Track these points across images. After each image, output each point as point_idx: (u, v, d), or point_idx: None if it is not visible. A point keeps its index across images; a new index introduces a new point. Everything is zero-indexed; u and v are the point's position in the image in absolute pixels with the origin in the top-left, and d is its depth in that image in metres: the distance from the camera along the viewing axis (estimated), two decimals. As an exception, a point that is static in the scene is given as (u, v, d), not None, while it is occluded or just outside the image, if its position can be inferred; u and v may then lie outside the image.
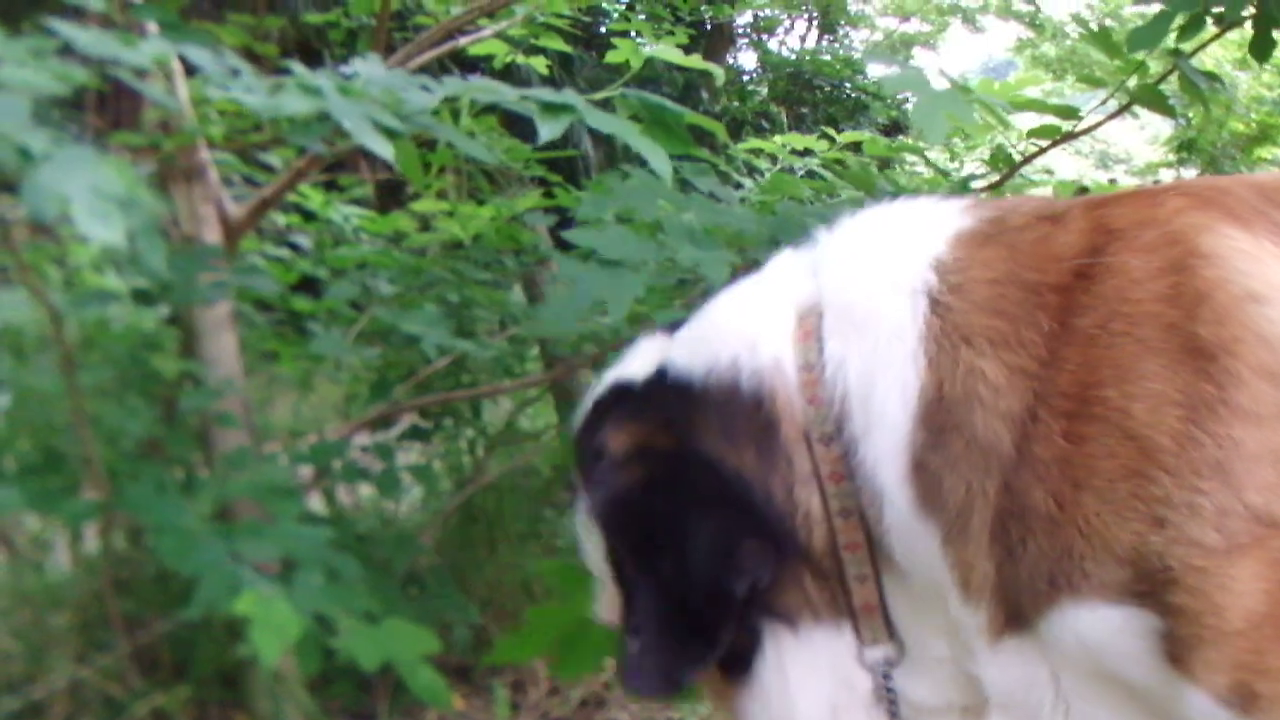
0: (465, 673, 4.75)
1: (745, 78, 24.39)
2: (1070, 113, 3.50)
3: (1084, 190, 3.63)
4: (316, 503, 4.70)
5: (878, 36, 27.89)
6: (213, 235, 3.90)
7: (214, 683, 4.29)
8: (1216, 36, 3.45)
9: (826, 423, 1.87)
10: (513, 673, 4.62)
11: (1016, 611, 1.77)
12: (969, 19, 25.13)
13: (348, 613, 2.79)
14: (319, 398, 6.76)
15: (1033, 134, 3.61)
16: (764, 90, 23.36)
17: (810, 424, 1.89)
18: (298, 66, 2.70)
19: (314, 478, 4.19)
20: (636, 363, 2.15)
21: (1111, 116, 3.55)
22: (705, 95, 20.14)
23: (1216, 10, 3.37)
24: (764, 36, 26.73)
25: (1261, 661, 1.62)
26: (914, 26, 27.55)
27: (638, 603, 1.99)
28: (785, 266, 2.12)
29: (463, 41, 4.41)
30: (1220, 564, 1.62)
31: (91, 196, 1.94)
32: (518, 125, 4.15)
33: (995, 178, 3.89)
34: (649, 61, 4.17)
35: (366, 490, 5.02)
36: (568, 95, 2.82)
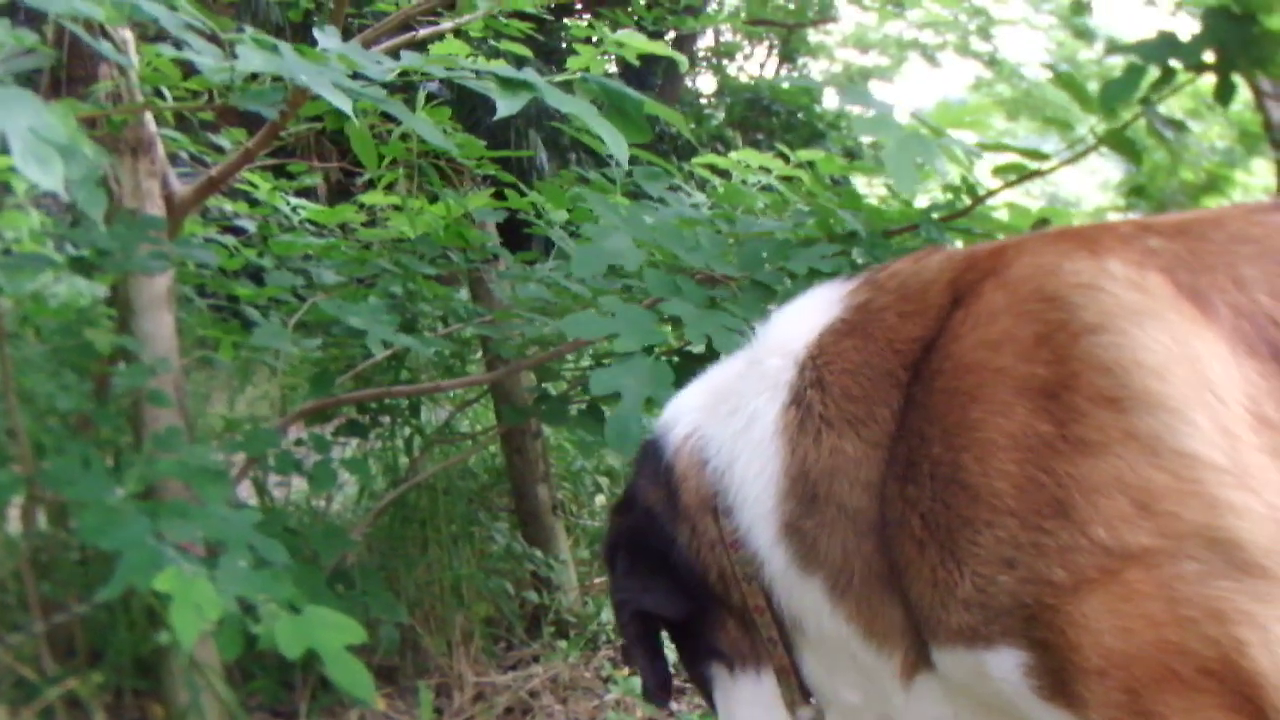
0: (390, 674, 4.67)
1: (702, 101, 24.41)
2: (1038, 155, 3.51)
3: (1045, 222, 3.62)
4: (246, 493, 4.61)
5: (836, 68, 27.97)
6: (156, 211, 3.81)
7: (130, 671, 4.19)
8: (1182, 86, 3.46)
9: (720, 496, 2.07)
10: (439, 675, 4.54)
11: (922, 652, 1.84)
12: (927, 55, 25.25)
13: (272, 600, 2.70)
14: (255, 390, 6.68)
15: (998, 171, 3.61)
16: (721, 114, 23.38)
17: (712, 496, 2.08)
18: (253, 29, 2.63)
19: (245, 467, 4.11)
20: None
21: (1076, 158, 3.55)
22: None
23: (1176, 63, 3.39)
24: (723, 61, 26.78)
25: (1137, 704, 1.58)
26: (872, 59, 27.67)
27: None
28: (730, 357, 2.37)
29: (421, 34, 4.33)
30: (1069, 601, 1.62)
31: (31, 138, 1.89)
32: (470, 122, 4.11)
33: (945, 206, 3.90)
34: (606, 76, 4.13)
35: (298, 486, 4.95)
36: (528, 73, 2.77)
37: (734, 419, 2.09)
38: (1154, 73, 3.41)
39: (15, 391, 3.51)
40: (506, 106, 2.69)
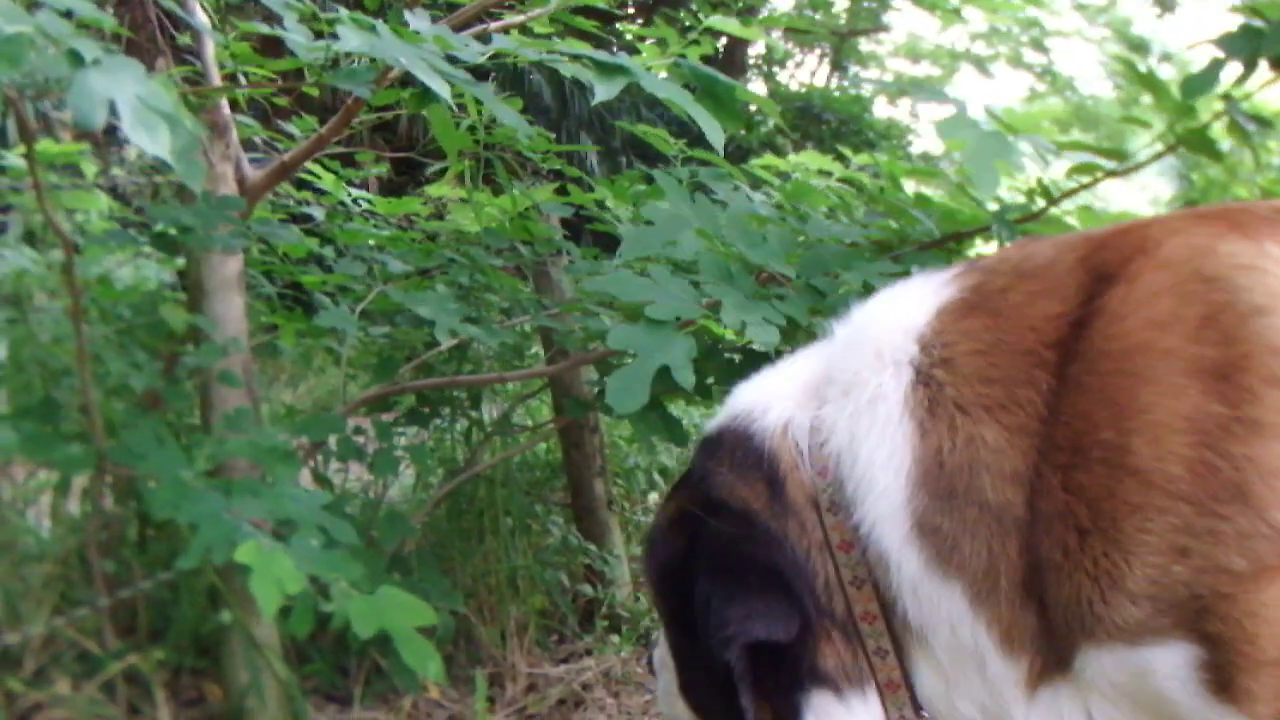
0: (444, 663, 4.68)
1: (752, 108, 24.40)
2: (1117, 154, 3.46)
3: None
4: (304, 482, 4.64)
5: (887, 77, 27.94)
6: (230, 194, 3.85)
7: (190, 649, 4.23)
8: (1270, 82, 3.41)
9: (831, 490, 1.91)
10: (492, 665, 4.56)
11: (1057, 657, 1.75)
12: (979, 66, 25.19)
13: (342, 580, 2.72)
14: (316, 379, 6.73)
15: (1073, 171, 3.57)
16: (771, 122, 23.38)
17: (818, 491, 1.92)
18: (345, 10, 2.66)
19: (309, 452, 4.14)
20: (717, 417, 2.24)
21: (1154, 158, 3.50)
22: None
23: (1271, 54, 3.33)
24: (775, 68, 26.78)
25: None
26: (924, 69, 27.61)
27: (684, 666, 2.15)
28: (808, 350, 2.20)
29: (492, 27, 4.36)
30: (1248, 590, 1.57)
31: (139, 106, 1.92)
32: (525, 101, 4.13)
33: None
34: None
35: (354, 476, 4.97)
36: (621, 58, 2.79)
37: (850, 399, 1.93)
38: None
39: (89, 369, 3.56)
40: (604, 91, 2.70)
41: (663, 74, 3.27)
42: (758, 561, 1.92)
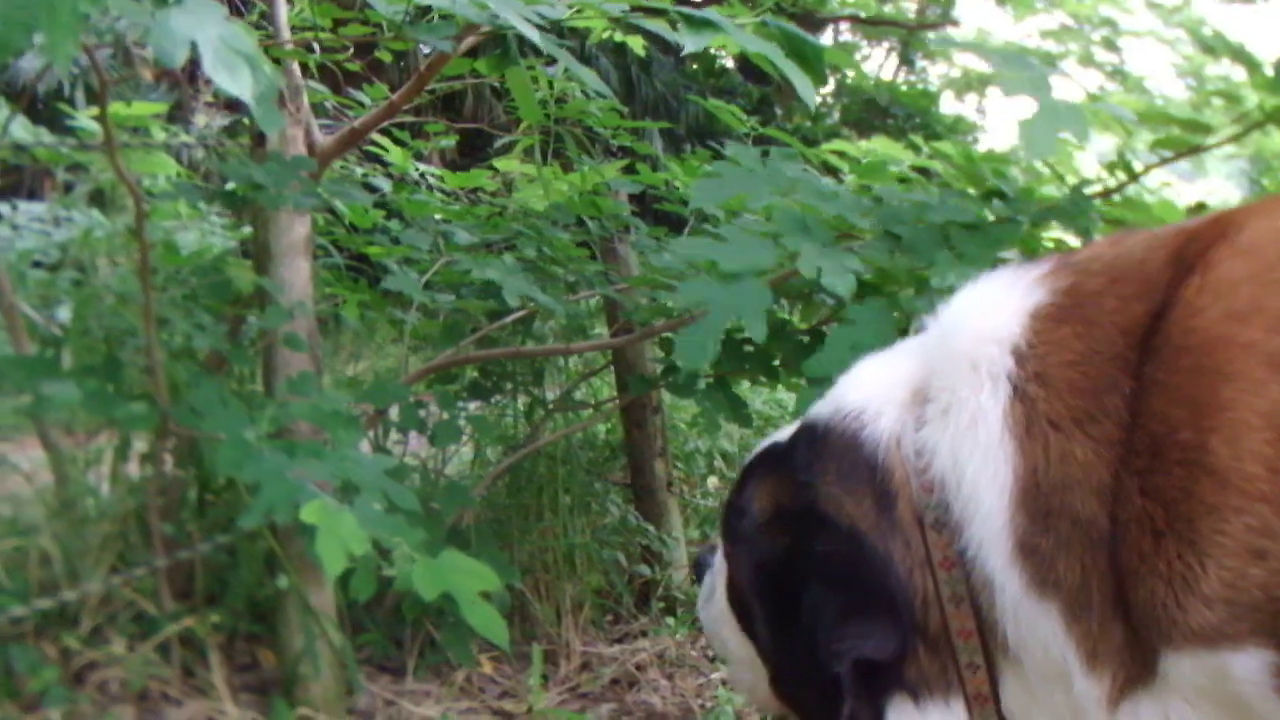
0: (498, 639, 4.68)
1: (818, 99, 24.35)
2: (1200, 127, 3.38)
3: (1202, 207, 3.50)
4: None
5: (955, 72, 27.75)
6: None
7: (246, 614, 4.23)
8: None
9: (935, 509, 1.86)
10: (546, 643, 4.53)
11: (1139, 668, 1.69)
12: (1049, 63, 24.96)
13: (404, 544, 2.70)
14: (378, 358, 6.73)
15: (1157, 145, 3.48)
16: (837, 114, 23.30)
17: (924, 510, 1.88)
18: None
19: (371, 420, 4.12)
20: (789, 429, 2.20)
21: (1240, 135, 3.41)
22: (779, 111, 20.11)
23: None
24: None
25: None
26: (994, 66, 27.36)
27: (773, 662, 2.15)
28: (906, 348, 2.14)
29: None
30: None
31: (221, 46, 1.90)
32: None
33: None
34: (725, 72, 4.07)
35: (414, 449, 4.96)
36: (710, 12, 2.74)
37: (951, 418, 1.87)
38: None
39: (154, 328, 3.55)
40: (693, 43, 2.66)
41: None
42: (869, 582, 1.89)
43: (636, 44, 5.15)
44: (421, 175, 5.60)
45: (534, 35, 2.44)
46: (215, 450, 2.94)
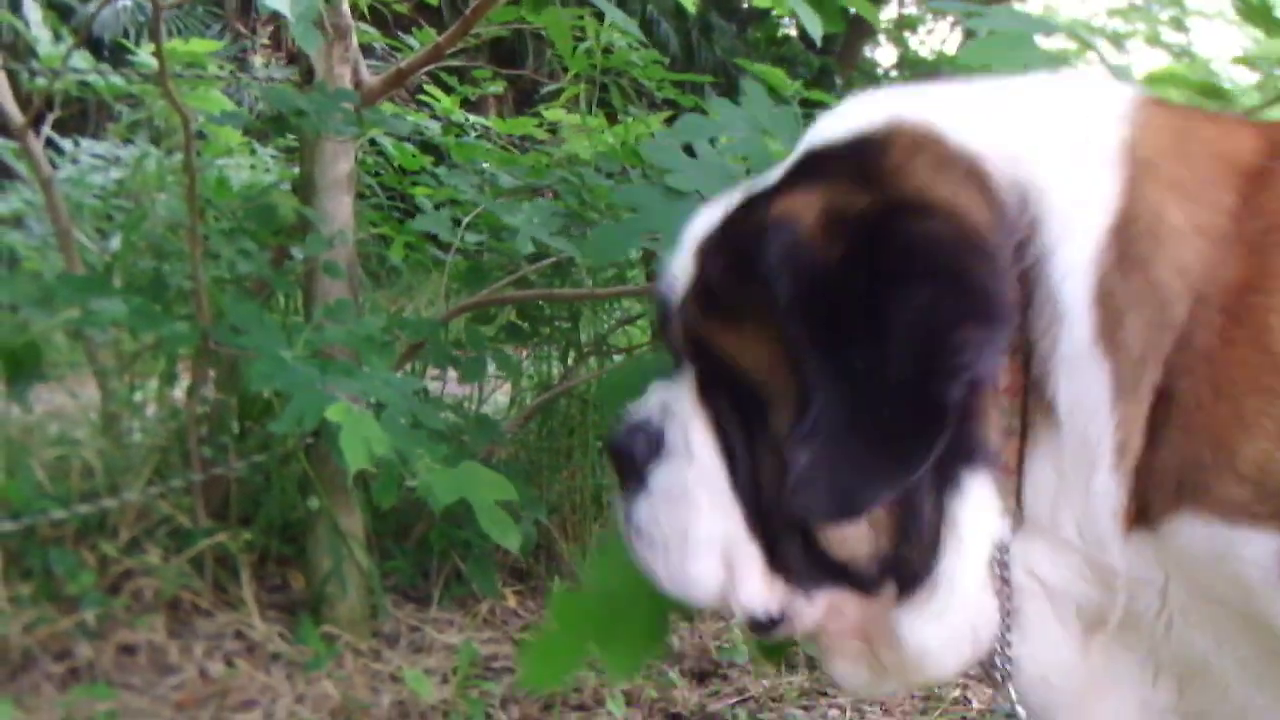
0: (523, 574, 4.79)
1: (879, 72, 24.27)
2: (1219, 94, 3.39)
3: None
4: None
5: (1020, 50, 27.47)
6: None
7: (277, 535, 4.36)
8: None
9: (1029, 225, 1.61)
10: (570, 580, 4.64)
11: (1144, 506, 1.58)
12: (1114, 41, 24.72)
13: (426, 456, 2.80)
14: (420, 295, 6.84)
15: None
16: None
17: (1017, 221, 1.62)
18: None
19: (406, 353, 4.22)
20: (835, 124, 1.79)
21: (1267, 105, 3.42)
22: (839, 81, 20.07)
23: None
24: (905, 34, 26.55)
25: None
26: (1058, 43, 27.17)
27: (816, 405, 1.61)
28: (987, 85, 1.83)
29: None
30: None
31: (262, -39, 2.00)
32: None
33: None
34: (787, 41, 4.07)
35: (449, 392, 5.05)
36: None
37: (1057, 134, 1.66)
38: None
39: (200, 254, 3.68)
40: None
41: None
42: (985, 280, 1.57)
43: (690, 3, 5.23)
44: (470, 123, 5.68)
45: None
46: (250, 365, 3.05)
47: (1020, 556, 1.68)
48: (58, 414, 4.54)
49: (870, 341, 1.58)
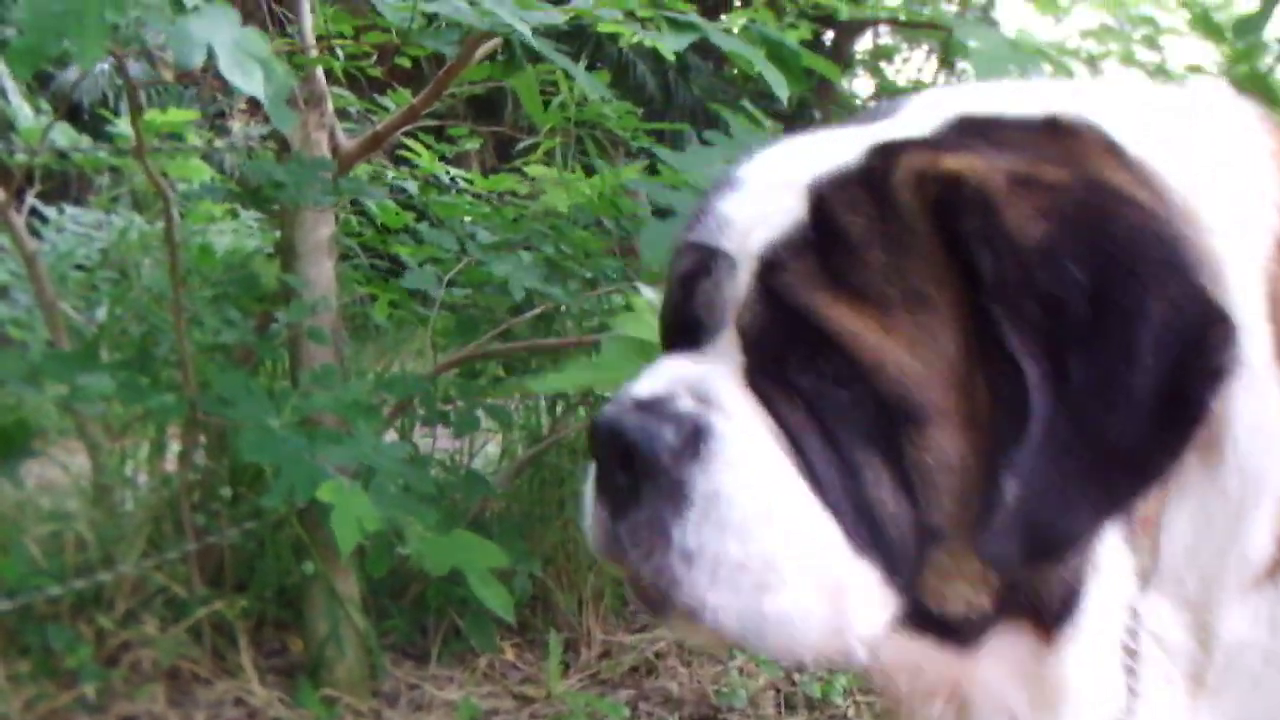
0: (520, 627, 4.80)
1: (858, 103, 24.39)
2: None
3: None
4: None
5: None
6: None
7: (274, 601, 4.38)
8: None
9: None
10: (568, 631, 4.65)
11: None
12: (1089, 63, 24.86)
13: (418, 525, 2.83)
14: (407, 350, 6.87)
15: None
16: (875, 117, 23.20)
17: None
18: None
19: (395, 411, 4.25)
20: (987, 99, 1.55)
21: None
22: (818, 115, 20.15)
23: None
24: (881, 63, 26.67)
25: None
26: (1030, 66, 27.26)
27: (1037, 423, 1.30)
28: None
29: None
30: None
31: (234, 50, 2.05)
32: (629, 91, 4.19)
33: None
34: (763, 78, 4.10)
35: (441, 448, 5.07)
36: (692, 16, 2.88)
37: (1202, 145, 1.48)
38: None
39: (185, 325, 3.71)
40: (675, 43, 2.80)
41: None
42: (1210, 291, 1.34)
43: (665, 50, 5.28)
44: (451, 179, 5.73)
45: (525, 30, 2.57)
46: (240, 435, 3.08)
47: (1146, 616, 1.46)
48: (49, 487, 4.56)
49: (1108, 341, 1.31)
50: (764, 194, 1.45)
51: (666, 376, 1.44)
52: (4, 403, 3.82)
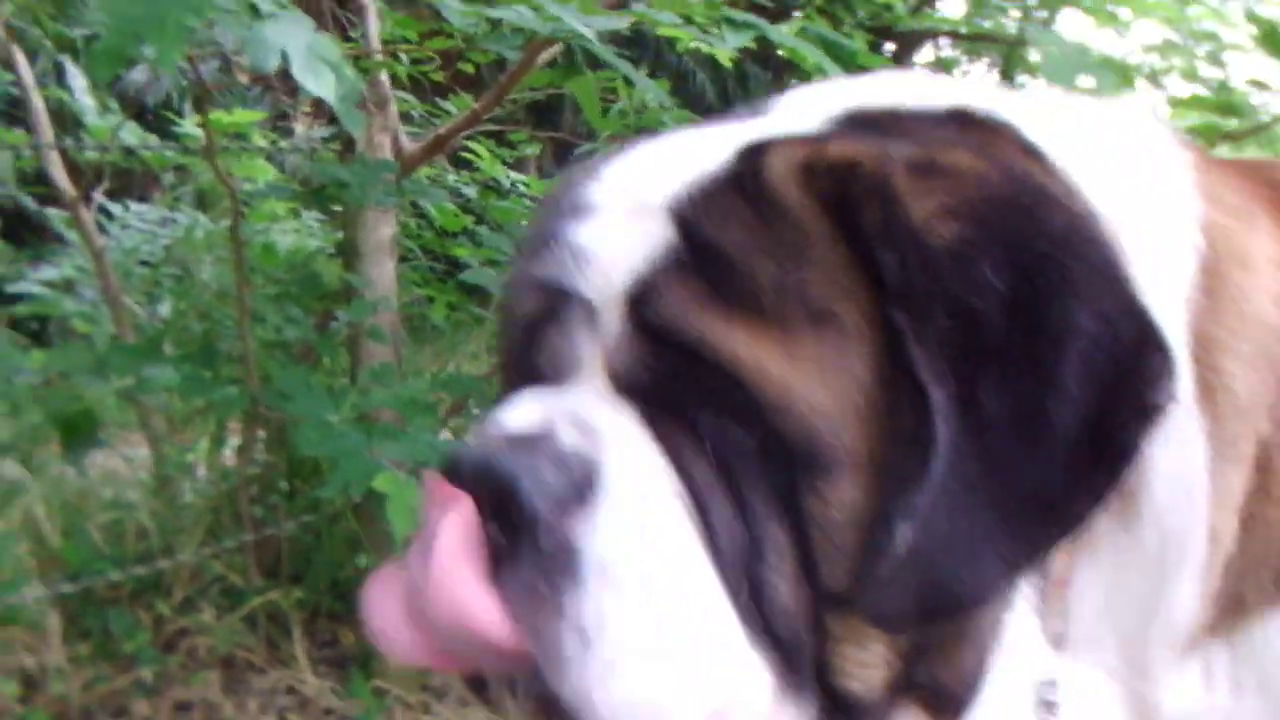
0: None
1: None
2: (1235, 110, 3.45)
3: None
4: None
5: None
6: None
7: (328, 593, 4.45)
8: None
9: None
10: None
11: (1228, 610, 1.31)
12: (1151, 78, 24.65)
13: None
14: (465, 352, 6.95)
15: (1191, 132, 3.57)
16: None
17: None
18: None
19: (450, 411, 4.32)
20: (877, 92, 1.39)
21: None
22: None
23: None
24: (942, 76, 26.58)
25: None
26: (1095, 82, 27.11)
27: (943, 458, 1.10)
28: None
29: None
30: None
31: (307, 54, 2.14)
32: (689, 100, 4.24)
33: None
34: None
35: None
36: (750, 16, 2.95)
37: (1120, 162, 1.33)
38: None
39: (248, 321, 3.80)
40: (734, 40, 2.86)
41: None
42: (1142, 305, 1.17)
43: (723, 56, 5.33)
44: (512, 183, 5.79)
45: (590, 34, 2.64)
46: (298, 429, 3.15)
47: (1066, 687, 1.31)
48: (111, 477, 4.66)
49: (1029, 362, 1.12)
50: (622, 221, 1.23)
51: (541, 406, 1.21)
52: (70, 394, 3.91)
